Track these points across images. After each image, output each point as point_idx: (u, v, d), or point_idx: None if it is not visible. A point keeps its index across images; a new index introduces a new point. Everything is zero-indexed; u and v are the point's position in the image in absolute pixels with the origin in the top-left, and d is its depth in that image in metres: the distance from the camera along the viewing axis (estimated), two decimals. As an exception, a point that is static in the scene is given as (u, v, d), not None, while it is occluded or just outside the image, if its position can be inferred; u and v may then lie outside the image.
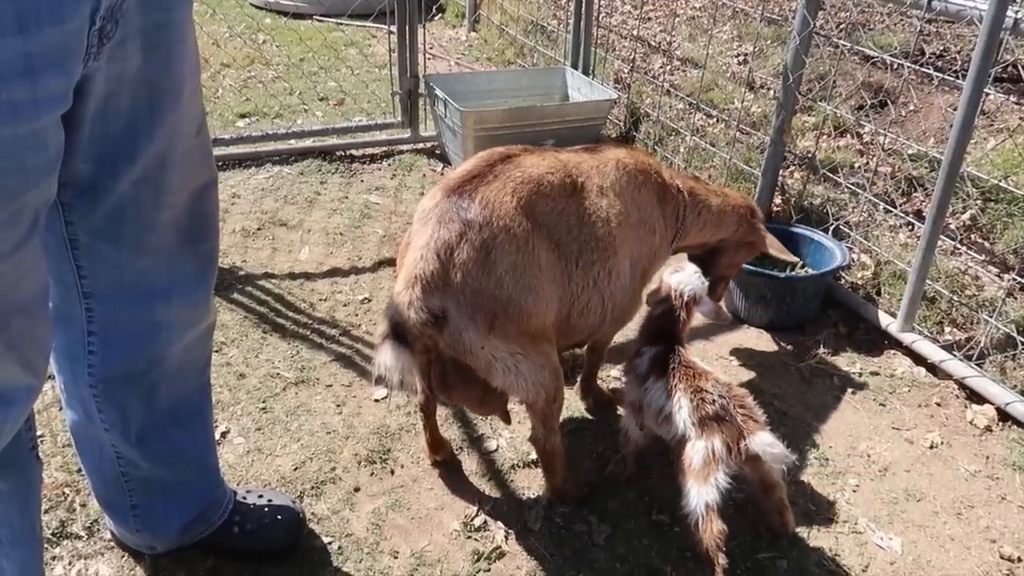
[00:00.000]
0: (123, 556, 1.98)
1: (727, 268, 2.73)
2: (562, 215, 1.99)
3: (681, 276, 2.23)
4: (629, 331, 2.67)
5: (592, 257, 2.03)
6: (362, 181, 4.18)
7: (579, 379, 2.62)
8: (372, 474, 2.29)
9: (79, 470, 2.10)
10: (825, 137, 4.13)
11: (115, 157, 1.42)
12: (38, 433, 2.30)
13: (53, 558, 1.97)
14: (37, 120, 1.12)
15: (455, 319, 1.78)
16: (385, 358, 1.76)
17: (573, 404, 2.61)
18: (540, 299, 1.88)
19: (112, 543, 2.01)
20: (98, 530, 2.04)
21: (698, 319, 2.40)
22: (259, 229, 3.62)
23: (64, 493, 2.14)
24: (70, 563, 1.96)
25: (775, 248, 2.67)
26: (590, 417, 2.56)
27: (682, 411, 1.96)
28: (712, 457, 1.86)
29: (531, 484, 2.28)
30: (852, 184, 3.44)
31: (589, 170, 2.13)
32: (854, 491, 2.30)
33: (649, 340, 2.19)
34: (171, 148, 1.48)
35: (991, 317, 2.76)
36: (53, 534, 2.02)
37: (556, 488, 2.17)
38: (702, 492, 1.84)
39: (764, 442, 1.87)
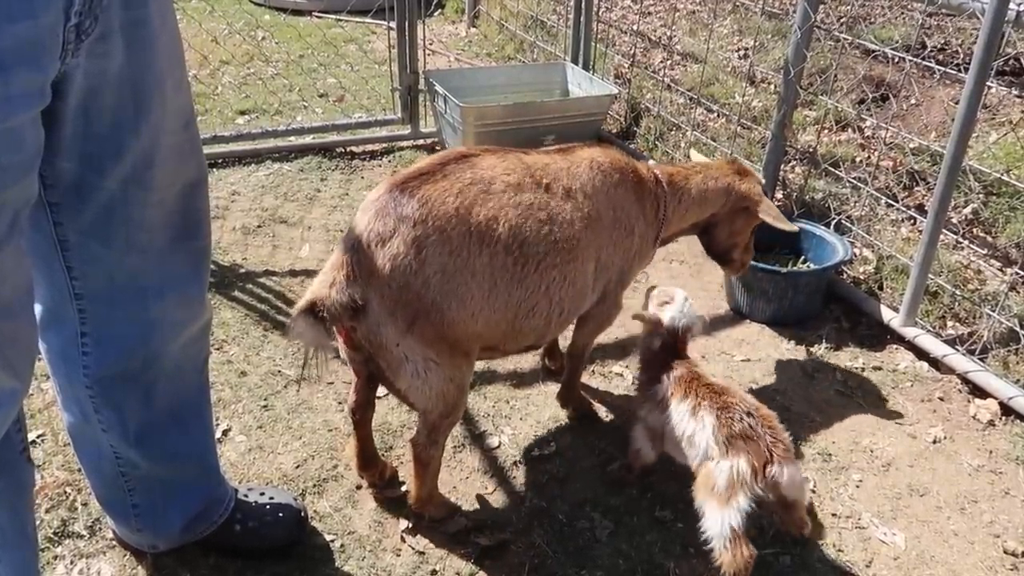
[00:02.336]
0: (125, 555, 1.98)
1: (729, 238, 2.58)
2: (518, 218, 1.90)
3: (673, 310, 2.17)
4: (627, 327, 2.67)
5: (554, 260, 1.95)
6: (362, 178, 4.17)
7: (559, 387, 2.54)
8: (374, 471, 2.28)
9: (80, 469, 2.10)
10: (826, 131, 4.11)
11: (101, 155, 1.41)
12: (39, 432, 2.30)
13: (55, 557, 1.96)
14: (12, 117, 1.11)
15: (375, 312, 1.75)
16: (298, 327, 1.70)
17: (575, 400, 2.60)
18: (465, 307, 1.81)
19: (114, 542, 2.00)
20: (100, 529, 2.04)
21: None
22: (259, 226, 3.62)
23: (65, 492, 2.14)
24: (72, 562, 1.96)
25: (770, 214, 2.48)
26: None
27: (706, 430, 1.89)
28: (736, 478, 1.79)
29: (533, 480, 2.28)
30: (854, 178, 3.43)
31: (557, 172, 2.05)
32: (857, 486, 2.30)
33: (659, 370, 2.11)
34: (157, 144, 1.47)
35: (994, 311, 2.75)
36: (55, 533, 2.02)
37: (419, 499, 2.06)
38: (725, 515, 1.77)
39: (791, 475, 1.81)
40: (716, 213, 2.50)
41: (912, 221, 3.42)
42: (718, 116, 4.46)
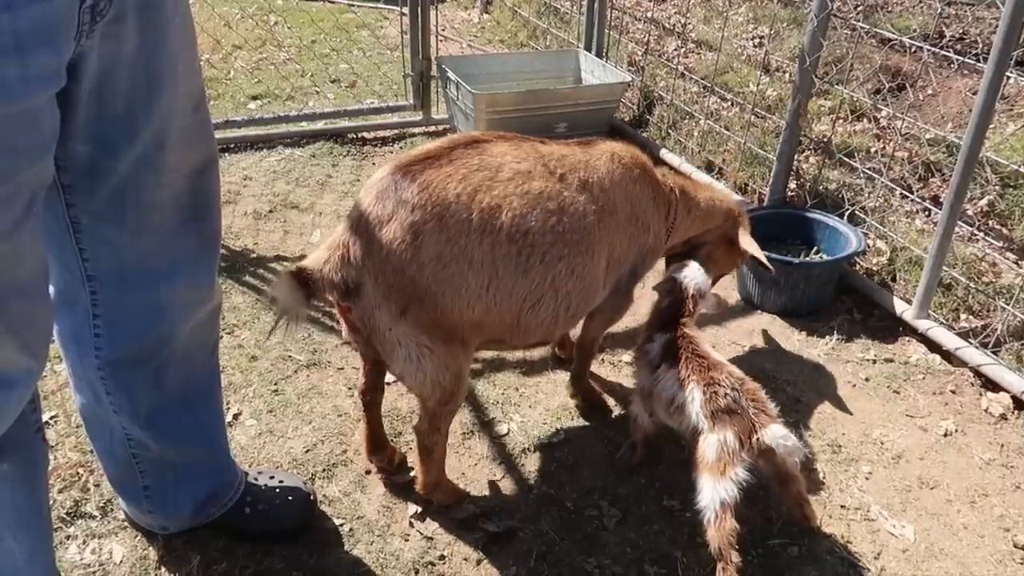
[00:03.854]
0: (136, 536, 2.00)
1: (709, 264, 2.55)
2: (524, 207, 1.87)
3: (686, 271, 2.23)
4: (638, 316, 2.66)
5: (560, 252, 1.91)
6: (374, 164, 4.16)
7: (569, 377, 2.54)
8: (383, 457, 2.29)
9: (92, 450, 2.12)
10: (841, 121, 4.08)
11: (114, 138, 1.41)
12: (52, 414, 2.32)
13: (68, 537, 1.98)
14: (29, 99, 1.11)
15: (369, 295, 1.74)
16: (280, 287, 1.69)
17: (584, 389, 2.60)
18: (460, 296, 1.78)
19: (125, 523, 2.03)
20: (112, 510, 2.06)
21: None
22: (271, 212, 3.62)
23: (78, 473, 2.16)
24: (84, 542, 1.98)
25: (753, 248, 2.52)
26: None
27: (695, 403, 1.94)
28: (725, 451, 1.84)
29: (542, 468, 2.28)
30: (868, 169, 3.40)
31: (574, 163, 2.01)
32: (867, 478, 2.29)
33: (658, 329, 2.16)
34: (168, 126, 1.47)
35: (1008, 304, 2.72)
36: (67, 513, 2.04)
37: (425, 484, 2.07)
38: (718, 488, 1.81)
39: (777, 435, 1.85)
40: (709, 232, 2.53)
41: (927, 212, 3.39)
42: (732, 105, 4.43)
